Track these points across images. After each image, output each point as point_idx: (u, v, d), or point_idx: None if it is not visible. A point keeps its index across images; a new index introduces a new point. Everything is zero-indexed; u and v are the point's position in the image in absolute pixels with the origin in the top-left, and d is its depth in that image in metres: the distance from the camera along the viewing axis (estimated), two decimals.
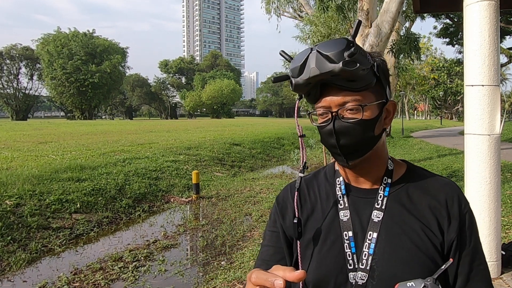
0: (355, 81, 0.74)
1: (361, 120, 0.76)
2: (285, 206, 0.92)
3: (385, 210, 0.81)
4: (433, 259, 0.76)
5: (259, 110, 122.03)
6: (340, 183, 0.88)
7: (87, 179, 7.25)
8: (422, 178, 0.86)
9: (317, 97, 0.79)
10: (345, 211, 0.84)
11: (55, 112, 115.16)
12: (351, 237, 0.81)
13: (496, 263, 3.24)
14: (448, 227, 0.79)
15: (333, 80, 0.74)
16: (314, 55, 0.74)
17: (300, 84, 0.77)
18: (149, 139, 15.61)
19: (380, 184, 0.84)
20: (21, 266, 4.47)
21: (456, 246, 0.78)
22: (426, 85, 48.18)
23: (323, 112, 0.79)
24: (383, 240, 0.78)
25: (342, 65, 0.71)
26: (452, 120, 64.64)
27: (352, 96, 0.76)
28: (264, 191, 8.23)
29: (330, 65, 0.72)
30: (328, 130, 0.78)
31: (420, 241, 0.77)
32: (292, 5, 17.22)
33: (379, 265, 0.77)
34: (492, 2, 3.10)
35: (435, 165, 10.89)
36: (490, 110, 3.12)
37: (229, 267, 4.29)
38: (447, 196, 0.82)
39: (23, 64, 66.37)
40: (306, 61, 0.75)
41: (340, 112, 0.77)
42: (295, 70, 0.77)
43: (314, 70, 0.73)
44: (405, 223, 0.79)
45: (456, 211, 0.80)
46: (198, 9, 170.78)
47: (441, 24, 21.00)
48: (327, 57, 0.73)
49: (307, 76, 0.74)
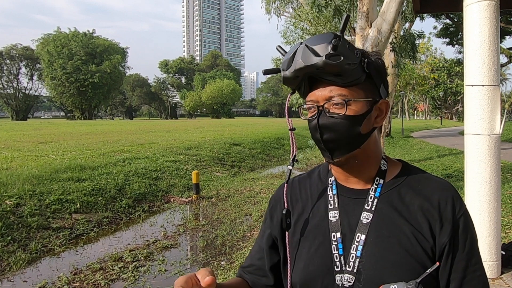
0: (341, 76, 0.74)
1: (344, 115, 0.75)
2: (275, 206, 0.93)
3: (375, 212, 0.79)
4: (422, 263, 0.74)
5: (259, 110, 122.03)
6: (332, 183, 0.86)
7: (87, 179, 7.25)
8: (416, 178, 0.83)
9: (306, 91, 0.79)
10: (334, 211, 0.82)
11: (55, 112, 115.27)
12: (339, 238, 0.79)
13: (496, 263, 3.24)
14: (440, 230, 0.76)
15: (319, 73, 0.74)
16: (301, 48, 0.74)
17: (288, 77, 0.77)
18: (149, 139, 15.61)
19: (371, 184, 0.82)
20: (21, 266, 4.46)
21: (448, 250, 0.75)
22: (426, 85, 48.15)
23: (311, 106, 0.78)
24: (371, 242, 0.76)
25: (325, 58, 0.71)
26: (452, 120, 64.61)
27: (339, 91, 0.75)
28: (264, 191, 8.23)
29: (314, 58, 0.72)
30: (314, 125, 0.77)
31: (410, 245, 0.75)
32: (292, 5, 17.21)
33: (366, 268, 0.75)
34: (492, 2, 3.10)
35: (435, 165, 10.89)
36: (490, 110, 3.12)
37: (229, 267, 4.29)
38: (440, 198, 0.78)
39: (23, 64, 66.43)
40: (295, 54, 0.75)
41: (326, 106, 0.76)
42: (285, 63, 0.78)
43: (300, 62, 0.74)
44: (395, 226, 0.77)
45: (449, 214, 0.77)
46: (198, 9, 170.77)
47: (441, 24, 20.98)
48: (312, 50, 0.73)
49: (293, 69, 0.75)
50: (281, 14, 17.75)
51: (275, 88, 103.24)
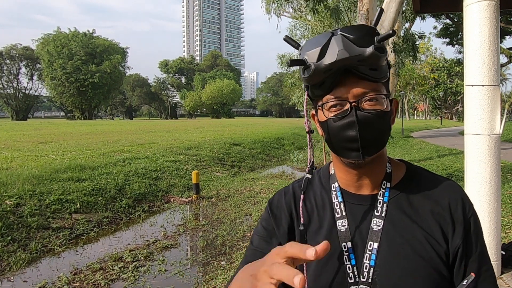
0: (377, 70, 0.70)
1: (382, 111, 0.72)
2: (278, 215, 0.85)
3: (386, 218, 0.76)
4: (437, 269, 0.72)
5: (259, 110, 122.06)
6: (336, 190, 0.82)
7: (87, 179, 7.25)
8: (423, 180, 0.81)
9: (332, 86, 0.72)
10: (342, 220, 0.78)
11: (55, 112, 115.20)
12: (350, 248, 0.75)
13: (496, 263, 3.24)
14: (452, 233, 0.74)
15: (357, 66, 0.69)
16: (339, 38, 0.68)
17: (320, 69, 0.69)
18: (149, 139, 15.61)
19: (379, 189, 0.79)
20: (21, 266, 4.46)
21: (462, 252, 0.73)
22: (426, 85, 48.18)
23: (336, 103, 0.72)
24: (384, 250, 0.73)
25: (373, 49, 0.67)
26: (452, 120, 64.59)
27: (372, 87, 0.71)
28: (264, 191, 8.23)
29: (359, 48, 0.67)
30: (348, 122, 0.71)
31: (424, 251, 0.72)
32: (292, 5, 17.23)
33: (381, 278, 0.72)
34: (492, 2, 3.10)
35: (435, 165, 10.89)
36: (490, 110, 3.12)
37: (229, 267, 4.29)
38: (450, 199, 0.76)
39: (23, 64, 66.40)
40: (329, 44, 0.69)
41: (358, 102, 0.71)
42: (313, 54, 0.70)
43: (342, 52, 0.67)
44: (407, 232, 0.74)
45: (460, 215, 0.75)
46: (198, 9, 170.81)
47: (441, 24, 20.99)
48: (354, 40, 0.68)
49: (333, 59, 0.67)
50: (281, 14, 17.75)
51: (275, 88, 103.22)
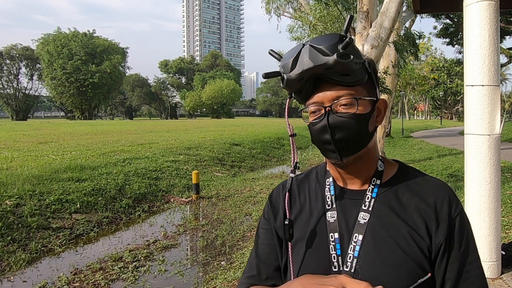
0: (348, 75, 0.73)
1: (355, 114, 0.75)
2: (277, 207, 0.92)
3: (372, 212, 0.79)
4: (420, 263, 0.74)
5: (259, 110, 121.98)
6: (330, 184, 0.87)
7: (87, 179, 7.25)
8: (413, 179, 0.83)
9: (309, 93, 0.77)
10: (332, 212, 0.83)
11: (55, 112, 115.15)
12: (337, 238, 0.79)
13: (496, 263, 3.24)
14: (436, 230, 0.76)
15: (326, 74, 0.73)
16: (307, 49, 0.73)
17: (292, 79, 0.75)
18: (149, 139, 15.60)
19: (368, 185, 0.83)
20: (21, 266, 4.46)
21: (444, 250, 0.76)
22: (426, 85, 48.13)
23: (315, 109, 0.77)
24: (368, 242, 0.77)
25: (336, 56, 0.70)
26: (452, 120, 64.59)
27: (346, 91, 0.75)
28: (264, 191, 8.23)
29: (324, 57, 0.71)
30: (322, 126, 0.76)
31: (407, 245, 0.75)
32: (292, 5, 17.21)
33: (363, 268, 0.75)
34: (492, 2, 3.10)
35: (435, 165, 10.88)
36: (490, 110, 3.12)
37: (229, 267, 4.29)
38: (436, 198, 0.79)
39: (23, 64, 66.41)
40: (299, 56, 0.74)
41: (333, 106, 0.75)
42: (287, 66, 0.76)
43: (308, 62, 0.72)
44: (392, 226, 0.77)
45: (445, 214, 0.77)
46: (198, 9, 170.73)
47: (441, 24, 20.96)
48: (320, 50, 0.72)
49: (301, 70, 0.73)
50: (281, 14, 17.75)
51: (275, 88, 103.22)
